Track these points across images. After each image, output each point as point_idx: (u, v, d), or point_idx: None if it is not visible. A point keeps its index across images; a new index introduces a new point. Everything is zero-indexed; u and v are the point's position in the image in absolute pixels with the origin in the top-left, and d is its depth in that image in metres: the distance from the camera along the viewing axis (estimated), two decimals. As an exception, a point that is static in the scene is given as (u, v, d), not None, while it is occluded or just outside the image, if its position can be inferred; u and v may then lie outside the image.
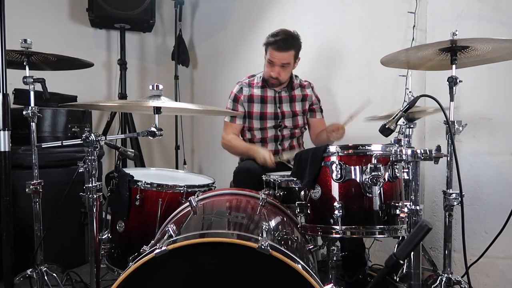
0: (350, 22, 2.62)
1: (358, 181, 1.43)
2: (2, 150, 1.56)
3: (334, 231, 1.43)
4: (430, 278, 1.98)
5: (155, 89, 1.49)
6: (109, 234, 1.74)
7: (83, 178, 1.44)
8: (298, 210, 1.52)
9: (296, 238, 1.44)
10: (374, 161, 1.38)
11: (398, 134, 1.54)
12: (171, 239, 1.15)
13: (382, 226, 1.42)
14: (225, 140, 2.40)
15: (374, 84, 2.53)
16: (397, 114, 1.39)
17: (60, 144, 1.55)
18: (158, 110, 1.46)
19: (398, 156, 1.24)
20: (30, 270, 1.91)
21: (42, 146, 1.90)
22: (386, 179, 1.43)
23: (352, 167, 1.43)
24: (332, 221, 1.43)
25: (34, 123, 1.90)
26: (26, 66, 1.87)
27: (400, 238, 1.47)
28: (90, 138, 1.40)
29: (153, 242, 1.32)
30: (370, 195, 1.42)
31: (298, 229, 1.52)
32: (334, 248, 1.56)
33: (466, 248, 1.44)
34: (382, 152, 1.42)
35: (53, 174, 2.36)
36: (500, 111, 2.05)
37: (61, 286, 1.95)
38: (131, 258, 1.30)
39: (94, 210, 1.45)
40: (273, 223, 1.42)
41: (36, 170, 1.92)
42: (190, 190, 1.75)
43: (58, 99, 2.48)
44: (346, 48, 2.25)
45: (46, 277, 1.90)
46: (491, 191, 2.06)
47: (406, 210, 1.24)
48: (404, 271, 1.28)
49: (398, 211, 1.40)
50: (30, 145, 1.90)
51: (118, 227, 1.78)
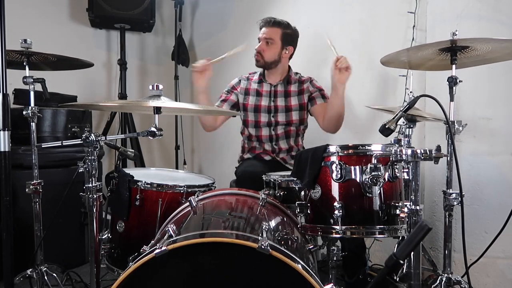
0: (350, 22, 2.62)
1: (358, 181, 1.42)
2: (2, 150, 1.56)
3: (334, 231, 1.42)
4: (430, 278, 1.98)
5: (155, 89, 1.49)
6: (109, 234, 1.74)
7: (83, 178, 1.44)
8: (298, 210, 1.52)
9: (296, 238, 1.44)
10: (374, 161, 1.38)
11: (398, 134, 1.54)
12: (171, 239, 1.15)
13: (382, 226, 1.42)
14: None
15: (374, 84, 2.53)
16: (397, 114, 1.39)
17: (60, 144, 1.55)
18: (158, 110, 1.46)
19: (398, 156, 1.23)
20: (30, 270, 1.91)
21: (42, 146, 1.90)
22: (386, 179, 1.43)
23: (352, 167, 1.43)
24: (332, 221, 1.43)
25: (34, 123, 1.90)
26: (26, 66, 1.87)
27: (400, 238, 1.47)
28: (90, 138, 1.40)
29: (153, 242, 1.32)
30: (370, 195, 1.42)
31: (298, 229, 1.52)
32: (334, 248, 1.56)
33: (466, 248, 1.44)
34: (382, 152, 1.41)
35: (53, 174, 2.36)
36: (500, 111, 2.05)
37: (61, 286, 1.95)
38: (131, 258, 1.30)
39: (94, 210, 1.45)
40: (273, 223, 1.41)
41: (36, 170, 1.92)
42: (190, 190, 1.75)
43: (58, 99, 2.48)
44: (346, 48, 2.25)
45: (46, 277, 1.90)
46: (491, 191, 2.06)
47: (406, 210, 1.24)
48: (404, 271, 1.28)
49: (398, 211, 1.40)
50: (30, 145, 1.90)
51: (118, 227, 1.78)
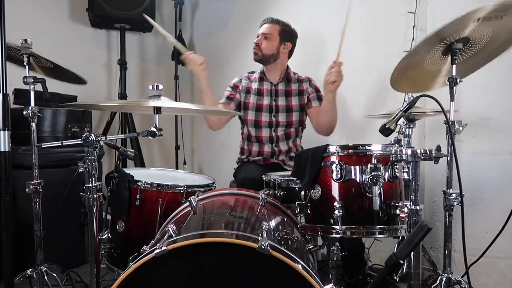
0: (350, 22, 2.62)
1: (358, 181, 1.42)
2: (2, 150, 1.56)
3: (334, 231, 1.42)
4: (430, 278, 1.98)
5: (155, 89, 1.49)
6: (109, 234, 1.74)
7: (83, 178, 1.44)
8: (298, 210, 1.52)
9: (296, 238, 1.44)
10: (374, 161, 1.38)
11: (398, 134, 1.54)
12: (171, 239, 1.15)
13: (382, 226, 1.42)
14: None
15: (374, 84, 2.53)
16: (397, 114, 1.39)
17: (60, 144, 1.54)
18: (158, 110, 1.45)
19: (398, 156, 1.24)
20: (30, 270, 1.91)
21: (42, 146, 1.90)
22: (386, 179, 1.43)
23: (352, 167, 1.43)
24: (332, 221, 1.43)
25: (34, 123, 1.90)
26: (26, 66, 1.87)
27: (400, 238, 1.47)
28: (90, 138, 1.40)
29: (153, 242, 1.32)
30: (370, 195, 1.41)
31: (298, 229, 1.52)
32: (334, 248, 1.56)
33: (466, 248, 1.44)
34: (382, 152, 1.41)
35: (53, 174, 2.37)
36: (500, 111, 2.05)
37: (61, 286, 1.95)
38: (131, 258, 1.30)
39: (94, 210, 1.44)
40: (273, 223, 1.41)
41: (36, 170, 1.92)
42: (190, 190, 1.75)
43: (58, 99, 2.48)
44: (346, 47, 2.25)
45: (46, 277, 1.90)
46: (491, 191, 2.06)
47: (406, 210, 1.24)
48: (404, 271, 1.28)
49: (398, 211, 1.40)
50: (30, 145, 1.90)
51: (118, 227, 1.78)
